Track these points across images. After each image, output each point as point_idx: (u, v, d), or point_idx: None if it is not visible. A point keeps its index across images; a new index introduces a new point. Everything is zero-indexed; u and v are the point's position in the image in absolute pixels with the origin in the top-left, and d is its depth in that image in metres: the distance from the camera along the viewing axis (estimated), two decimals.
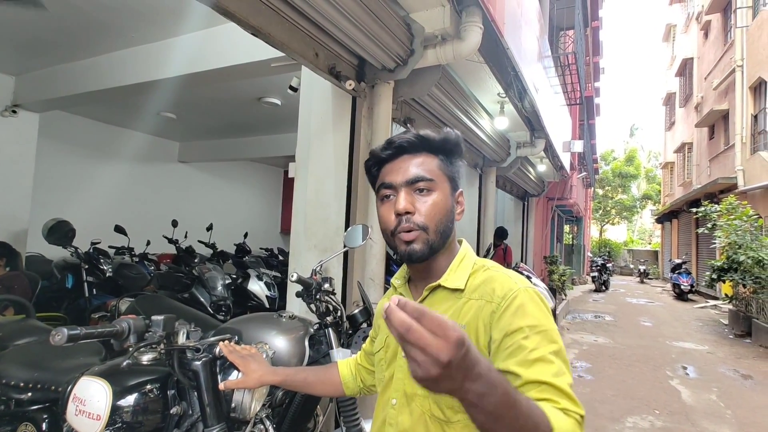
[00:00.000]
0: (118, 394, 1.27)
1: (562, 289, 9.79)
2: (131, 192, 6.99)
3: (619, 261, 25.04)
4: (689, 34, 16.17)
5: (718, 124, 12.97)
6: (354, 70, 2.69)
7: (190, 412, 1.32)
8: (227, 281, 4.04)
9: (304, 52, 2.24)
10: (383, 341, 0.96)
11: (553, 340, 0.72)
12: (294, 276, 1.76)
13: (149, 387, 1.32)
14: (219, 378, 1.31)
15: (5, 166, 4.56)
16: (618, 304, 11.27)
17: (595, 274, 14.41)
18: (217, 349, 1.27)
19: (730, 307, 8.27)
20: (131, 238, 5.24)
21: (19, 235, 4.67)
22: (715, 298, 11.50)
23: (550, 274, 9.72)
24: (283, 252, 7.76)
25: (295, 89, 3.52)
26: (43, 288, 3.84)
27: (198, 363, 1.25)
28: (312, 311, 1.88)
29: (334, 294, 1.95)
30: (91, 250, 4.48)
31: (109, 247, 5.13)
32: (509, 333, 0.73)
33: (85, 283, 4.20)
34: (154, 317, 1.18)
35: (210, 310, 3.73)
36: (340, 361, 1.17)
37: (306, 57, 2.27)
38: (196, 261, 5.38)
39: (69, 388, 1.36)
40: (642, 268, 19.28)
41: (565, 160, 8.14)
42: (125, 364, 1.07)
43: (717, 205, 8.44)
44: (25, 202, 4.73)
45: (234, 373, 1.31)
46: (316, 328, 1.89)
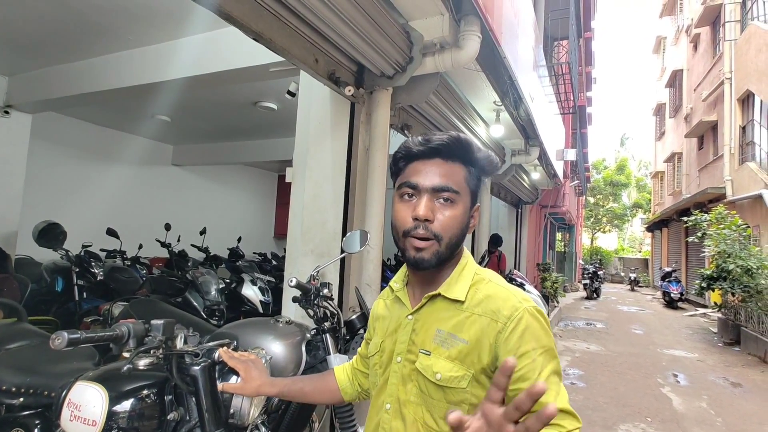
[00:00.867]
0: (114, 400, 1.25)
1: (555, 296, 9.85)
2: (124, 195, 6.91)
3: (610, 269, 25.23)
4: (679, 47, 16.47)
5: (707, 134, 13.20)
6: (353, 76, 2.70)
7: (188, 417, 1.30)
8: (221, 286, 4.00)
9: (304, 58, 2.25)
10: (378, 345, 0.95)
11: (553, 356, 0.78)
12: (293, 281, 1.75)
13: (146, 392, 1.30)
14: (218, 383, 1.29)
15: None
16: (609, 311, 11.35)
17: (587, 281, 14.49)
18: (216, 354, 1.25)
19: (719, 315, 8.36)
20: (123, 241, 5.18)
21: (9, 237, 4.60)
22: (705, 306, 11.63)
23: (542, 281, 9.77)
24: (276, 256, 7.71)
25: (293, 94, 3.52)
26: (32, 291, 3.78)
27: (197, 368, 1.23)
28: (309, 316, 1.87)
29: (333, 299, 1.94)
30: (82, 253, 4.43)
31: (101, 250, 5.07)
32: (517, 357, 0.76)
33: (76, 287, 4.14)
34: (153, 321, 1.16)
35: (203, 314, 3.69)
36: (337, 367, 1.15)
37: (306, 62, 2.28)
38: (189, 265, 5.33)
39: (63, 393, 1.34)
40: (633, 276, 19.42)
41: (559, 168, 8.23)
42: (126, 368, 1.05)
43: (706, 215, 8.55)
44: (15, 203, 4.67)
45: (233, 378, 1.30)
46: (313, 333, 1.88)
